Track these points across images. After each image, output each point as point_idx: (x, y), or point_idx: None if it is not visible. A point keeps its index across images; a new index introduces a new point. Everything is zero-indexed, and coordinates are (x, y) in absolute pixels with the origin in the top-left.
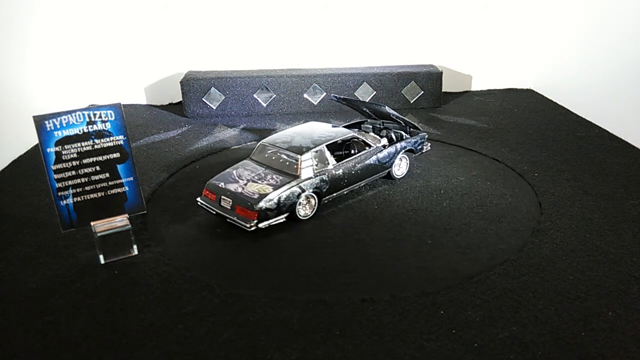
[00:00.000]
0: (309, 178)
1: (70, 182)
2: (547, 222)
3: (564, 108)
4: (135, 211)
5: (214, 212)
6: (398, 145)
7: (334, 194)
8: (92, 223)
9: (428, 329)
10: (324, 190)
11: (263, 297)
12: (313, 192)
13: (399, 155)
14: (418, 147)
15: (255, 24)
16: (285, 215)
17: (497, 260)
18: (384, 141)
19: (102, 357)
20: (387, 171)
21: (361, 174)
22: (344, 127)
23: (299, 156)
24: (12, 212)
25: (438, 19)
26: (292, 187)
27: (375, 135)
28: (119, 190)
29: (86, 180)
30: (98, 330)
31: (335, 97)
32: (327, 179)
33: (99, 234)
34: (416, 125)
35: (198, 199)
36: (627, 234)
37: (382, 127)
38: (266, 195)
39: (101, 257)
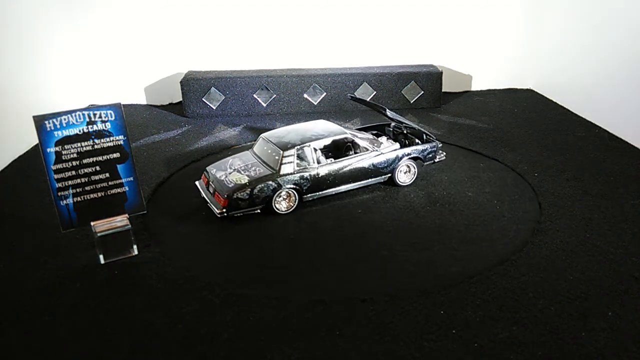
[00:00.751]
0: (289, 174)
1: (70, 182)
2: (547, 222)
3: (564, 108)
4: (135, 211)
5: (202, 196)
6: (400, 151)
7: (318, 193)
8: (92, 223)
9: (428, 329)
10: (305, 188)
11: (263, 297)
12: (292, 188)
13: (405, 162)
14: (428, 156)
15: (255, 24)
16: (260, 207)
17: (497, 260)
18: (385, 146)
19: (102, 357)
20: (387, 176)
21: (351, 176)
22: (367, 128)
23: (281, 152)
24: (12, 212)
25: (438, 19)
26: (268, 181)
27: (383, 140)
28: (119, 190)
29: (86, 180)
30: (98, 330)
31: (352, 96)
32: (308, 177)
33: (99, 234)
34: (428, 133)
35: (196, 181)
36: (627, 234)
37: (400, 131)
38: (240, 185)
39: (101, 257)
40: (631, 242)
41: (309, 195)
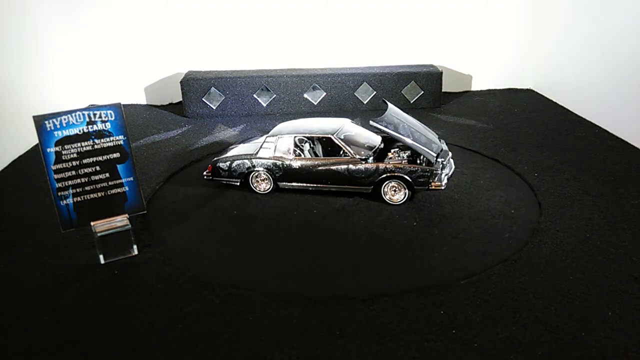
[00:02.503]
0: (263, 158)
1: (70, 182)
2: (547, 222)
3: (564, 108)
4: (135, 211)
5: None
6: (381, 166)
7: (292, 183)
8: (92, 223)
9: (428, 329)
10: (277, 174)
11: (263, 297)
12: (265, 171)
13: (393, 181)
14: (418, 180)
15: (255, 24)
16: (237, 181)
17: (497, 260)
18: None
19: (102, 357)
20: (369, 188)
21: (326, 176)
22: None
23: (264, 138)
24: (12, 212)
25: (438, 19)
26: (245, 160)
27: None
28: (119, 190)
29: (86, 180)
30: (98, 330)
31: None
32: (281, 165)
33: (99, 234)
34: (430, 156)
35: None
36: (627, 234)
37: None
38: (223, 158)
39: (101, 257)
40: (631, 242)
41: (284, 183)
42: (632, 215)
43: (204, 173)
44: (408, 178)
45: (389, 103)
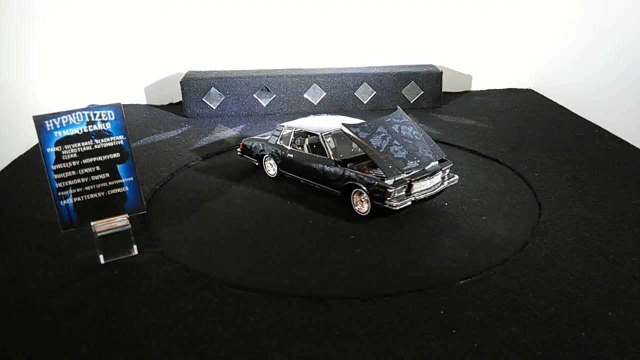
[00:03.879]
0: (270, 145)
1: (70, 182)
2: (547, 222)
3: (564, 108)
4: (135, 211)
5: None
6: (347, 172)
7: (291, 174)
8: (92, 223)
9: (428, 329)
10: (277, 162)
11: (263, 297)
12: (270, 157)
13: (359, 191)
14: (374, 194)
15: (255, 24)
16: (256, 161)
17: (497, 260)
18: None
19: (102, 357)
20: (338, 192)
21: (307, 172)
22: None
23: (278, 125)
24: (12, 212)
25: (438, 19)
26: (259, 142)
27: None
28: (119, 190)
29: (86, 180)
30: (98, 330)
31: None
32: (280, 154)
33: (99, 234)
34: (387, 174)
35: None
36: (627, 234)
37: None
38: (249, 139)
39: (101, 257)
40: (631, 242)
41: (283, 170)
42: (632, 215)
43: (237, 150)
44: (366, 190)
45: (399, 109)
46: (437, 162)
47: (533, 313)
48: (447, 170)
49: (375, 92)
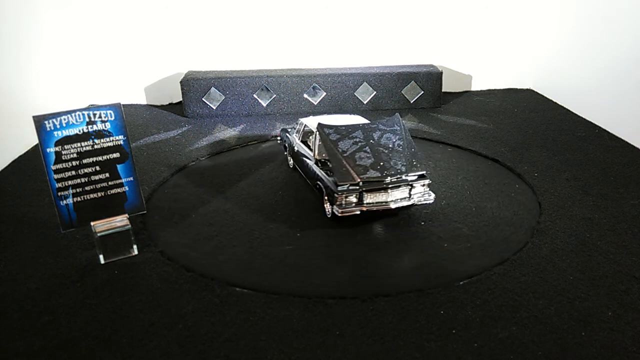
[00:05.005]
0: (289, 137)
1: (70, 182)
2: (547, 222)
3: (564, 108)
4: (135, 211)
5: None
6: (317, 170)
7: (297, 167)
8: (92, 223)
9: (428, 329)
10: (290, 154)
11: (263, 297)
12: (289, 148)
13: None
14: (330, 198)
15: (255, 24)
16: (285, 151)
17: (497, 260)
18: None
19: (102, 357)
20: (316, 189)
21: (302, 167)
22: None
23: (299, 120)
24: (12, 212)
25: (438, 19)
26: (285, 133)
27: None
28: (119, 190)
29: (86, 180)
30: (98, 330)
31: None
32: (291, 146)
33: (99, 234)
34: (336, 178)
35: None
36: (627, 234)
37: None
38: (282, 129)
39: (101, 257)
40: (631, 242)
41: (295, 163)
42: (632, 215)
43: (277, 139)
44: (324, 191)
45: (396, 116)
46: (412, 177)
47: (533, 313)
48: (424, 187)
49: (375, 92)
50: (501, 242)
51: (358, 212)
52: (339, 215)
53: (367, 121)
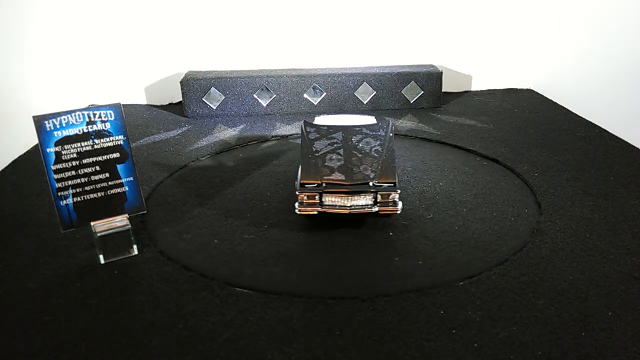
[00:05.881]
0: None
1: (70, 182)
2: (547, 222)
3: (564, 108)
4: (135, 211)
5: None
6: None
7: None
8: (92, 223)
9: (428, 329)
10: None
11: (263, 297)
12: None
13: None
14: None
15: (255, 24)
16: None
17: (497, 260)
18: None
19: (102, 357)
20: None
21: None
22: None
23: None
24: (12, 212)
25: (438, 19)
26: None
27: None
28: (119, 190)
29: (86, 180)
30: (98, 330)
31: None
32: None
33: (99, 234)
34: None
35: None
36: (627, 234)
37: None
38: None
39: (101, 257)
40: (631, 242)
41: None
42: (632, 215)
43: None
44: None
45: (387, 121)
46: (379, 185)
47: (533, 313)
48: (394, 197)
49: (375, 92)
50: (501, 242)
51: (316, 213)
52: (298, 213)
53: (374, 121)
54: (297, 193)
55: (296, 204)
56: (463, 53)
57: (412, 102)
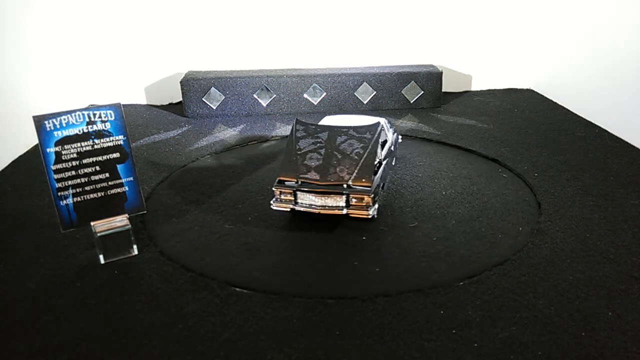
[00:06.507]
0: None
1: (70, 182)
2: (547, 222)
3: (564, 108)
4: (135, 211)
5: None
6: None
7: None
8: (92, 223)
9: (428, 329)
10: None
11: (263, 297)
12: None
13: None
14: None
15: (255, 23)
16: None
17: (497, 260)
18: None
19: (102, 357)
20: None
21: None
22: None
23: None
24: (12, 212)
25: (438, 19)
26: None
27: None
28: (118, 190)
29: (86, 180)
30: (98, 330)
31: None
32: None
33: (99, 234)
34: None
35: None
36: (627, 234)
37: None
38: None
39: (101, 257)
40: (631, 242)
41: None
42: (632, 215)
43: None
44: None
45: (379, 123)
46: (353, 187)
47: (533, 313)
48: (368, 202)
49: (375, 92)
50: (501, 242)
51: (289, 210)
52: (273, 209)
53: (375, 122)
54: (273, 189)
55: (272, 200)
56: (463, 53)
57: (412, 102)
